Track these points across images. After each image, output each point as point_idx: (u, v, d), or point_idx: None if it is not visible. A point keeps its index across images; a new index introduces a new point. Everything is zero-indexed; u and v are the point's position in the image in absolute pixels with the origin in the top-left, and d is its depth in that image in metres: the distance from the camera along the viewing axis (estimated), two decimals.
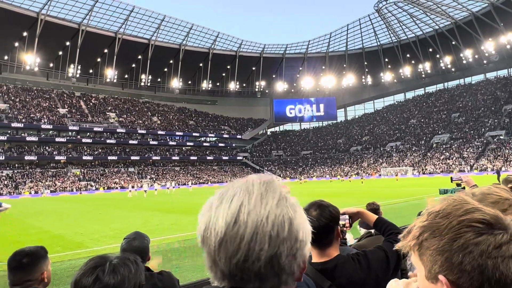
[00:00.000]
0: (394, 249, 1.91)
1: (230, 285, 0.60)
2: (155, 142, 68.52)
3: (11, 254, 1.86)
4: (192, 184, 56.36)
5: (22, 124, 55.61)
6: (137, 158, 64.59)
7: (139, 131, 67.58)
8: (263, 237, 0.56)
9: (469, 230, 0.57)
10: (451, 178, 3.52)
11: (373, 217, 2.05)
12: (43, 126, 57.52)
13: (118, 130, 65.48)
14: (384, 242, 1.94)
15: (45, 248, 1.93)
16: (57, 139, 58.39)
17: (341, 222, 1.90)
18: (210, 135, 77.41)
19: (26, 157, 54.39)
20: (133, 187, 47.87)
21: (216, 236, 0.58)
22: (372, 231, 3.43)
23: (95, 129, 62.94)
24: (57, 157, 57.25)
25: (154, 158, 66.46)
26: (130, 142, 65.78)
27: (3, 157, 52.71)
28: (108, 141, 63.32)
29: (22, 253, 1.84)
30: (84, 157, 59.77)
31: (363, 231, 3.57)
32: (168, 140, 70.95)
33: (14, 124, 54.81)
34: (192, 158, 71.00)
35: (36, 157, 55.28)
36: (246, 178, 0.65)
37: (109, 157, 61.85)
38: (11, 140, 54.84)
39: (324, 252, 1.73)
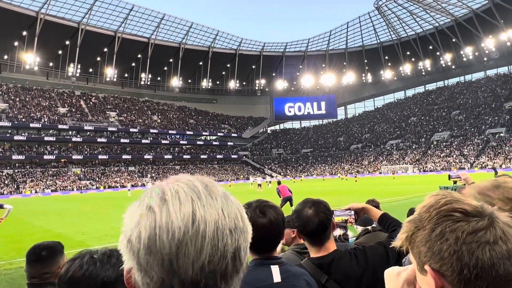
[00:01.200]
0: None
1: None
2: (155, 141, 68.53)
3: (31, 248, 1.91)
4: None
5: (22, 124, 55.61)
6: (137, 157, 64.61)
7: (139, 130, 67.60)
8: (224, 231, 0.50)
9: (446, 219, 0.59)
10: (449, 175, 3.50)
11: (378, 213, 2.05)
12: (43, 126, 57.52)
13: (118, 129, 65.48)
14: (386, 238, 1.95)
15: (62, 243, 2.01)
16: (57, 139, 58.40)
17: (344, 218, 1.93)
18: (210, 133, 77.41)
19: (27, 157, 54.43)
20: (133, 186, 47.91)
21: (173, 240, 0.47)
22: (369, 227, 3.43)
23: (95, 128, 62.93)
24: (57, 157, 57.27)
25: (155, 157, 66.51)
26: (130, 141, 65.79)
27: (4, 156, 52.76)
28: (108, 140, 63.35)
29: (41, 246, 1.90)
30: (85, 156, 59.79)
31: (359, 229, 3.57)
32: (168, 139, 70.95)
33: (14, 124, 54.80)
34: (192, 157, 71.03)
35: (36, 156, 55.31)
36: (172, 177, 0.55)
37: (110, 156, 61.87)
38: (11, 139, 54.86)
39: (322, 246, 1.76)
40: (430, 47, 77.36)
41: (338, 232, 3.05)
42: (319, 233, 1.73)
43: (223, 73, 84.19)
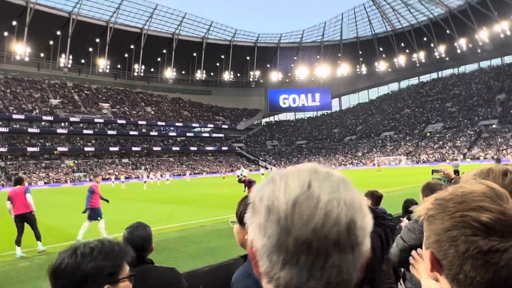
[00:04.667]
0: (384, 229, 1.92)
1: (305, 263, 0.49)
2: (149, 133, 68.15)
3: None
4: (189, 174, 56.15)
5: (14, 116, 54.87)
6: (131, 149, 64.22)
7: (133, 122, 67.12)
8: (339, 201, 0.50)
9: (467, 226, 0.58)
10: (432, 170, 3.41)
11: None
12: (35, 117, 56.82)
13: (111, 121, 64.94)
14: (374, 227, 1.92)
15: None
16: (49, 130, 57.78)
17: None
18: (204, 125, 77.13)
19: (19, 149, 53.83)
20: (126, 178, 47.67)
21: (289, 199, 0.50)
22: None
23: (88, 120, 62.35)
24: (50, 149, 56.72)
25: (148, 149, 66.19)
26: (124, 133, 65.34)
27: None
28: (101, 132, 62.86)
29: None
30: (77, 148, 59.30)
31: None
32: (162, 130, 70.58)
33: (5, 116, 54.07)
34: (186, 148, 70.82)
35: (29, 148, 54.72)
36: (294, 166, 0.58)
37: (103, 148, 61.46)
38: (2, 131, 54.16)
39: None
40: (425, 39, 77.42)
41: None
42: None
43: (217, 64, 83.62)
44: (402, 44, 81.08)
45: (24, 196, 8.30)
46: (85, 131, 61.42)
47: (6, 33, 58.57)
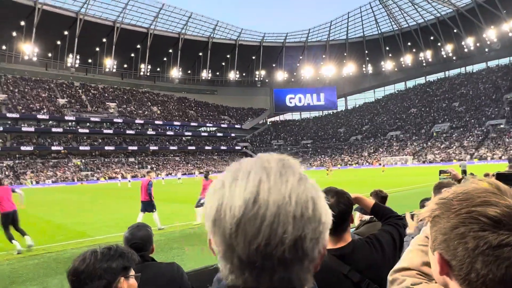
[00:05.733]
0: (398, 229, 1.94)
1: (250, 276, 0.50)
2: (154, 132, 68.48)
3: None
4: (198, 173, 56.23)
5: (21, 115, 55.47)
6: (136, 148, 64.63)
7: (139, 121, 67.52)
8: (286, 217, 0.48)
9: (474, 221, 0.56)
10: (440, 171, 3.43)
11: (370, 202, 2.06)
12: (42, 117, 57.39)
13: (118, 120, 65.38)
14: (386, 226, 1.95)
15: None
16: (57, 130, 58.32)
17: None
18: (210, 125, 77.32)
19: (26, 148, 54.43)
20: (133, 177, 47.94)
21: (233, 217, 0.49)
22: (368, 218, 3.43)
23: (95, 119, 62.83)
24: (57, 148, 57.28)
25: (154, 148, 66.57)
26: (130, 132, 65.76)
27: (3, 148, 52.74)
28: (108, 131, 63.33)
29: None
30: (85, 147, 59.82)
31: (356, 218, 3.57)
32: (168, 130, 70.88)
33: (13, 115, 54.68)
34: (191, 148, 71.07)
35: (36, 147, 55.30)
36: (258, 156, 0.57)
37: (109, 147, 61.92)
38: (10, 130, 54.79)
39: (341, 237, 1.75)
40: (432, 38, 76.81)
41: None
42: (338, 224, 1.71)
43: (223, 64, 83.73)
44: (409, 43, 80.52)
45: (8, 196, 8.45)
46: (91, 131, 61.88)
47: (14, 33, 59.22)
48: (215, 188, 0.54)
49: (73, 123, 61.23)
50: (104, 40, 68.06)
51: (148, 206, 10.71)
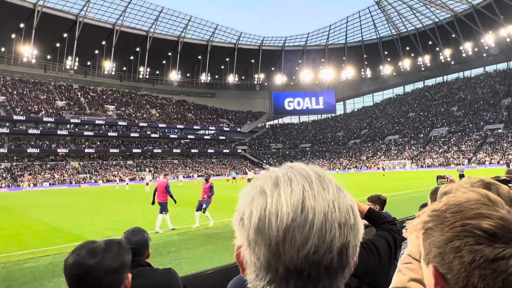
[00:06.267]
0: (393, 234, 1.93)
1: (295, 286, 0.49)
2: (154, 135, 68.40)
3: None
4: (197, 176, 56.22)
5: (20, 117, 55.35)
6: (135, 151, 64.52)
7: (138, 124, 67.44)
8: (333, 224, 0.49)
9: (469, 235, 0.55)
10: (437, 176, 3.42)
11: (364, 208, 2.04)
12: (41, 119, 57.27)
13: (116, 123, 65.29)
14: (381, 231, 1.94)
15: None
16: (55, 132, 58.19)
17: None
18: (209, 128, 77.31)
19: (25, 150, 54.26)
20: (131, 179, 47.81)
21: (281, 224, 0.48)
22: (365, 222, 3.41)
23: (94, 122, 62.73)
24: (56, 150, 57.12)
25: (153, 151, 66.45)
26: (129, 134, 65.66)
27: (2, 150, 52.57)
28: (106, 134, 63.19)
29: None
30: (83, 150, 59.67)
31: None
32: (167, 133, 70.83)
33: (12, 117, 54.54)
34: (190, 151, 70.98)
35: (34, 150, 55.15)
36: (287, 164, 0.56)
37: (108, 150, 61.77)
38: (9, 133, 54.63)
39: None
40: (430, 43, 77.19)
41: None
42: None
43: (222, 67, 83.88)
44: (407, 48, 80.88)
45: None
46: (90, 133, 61.78)
47: (13, 35, 59.23)
48: (254, 195, 0.52)
49: (72, 125, 61.12)
50: (104, 42, 68.12)
51: (165, 207, 11.02)
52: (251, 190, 0.54)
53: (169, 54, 75.55)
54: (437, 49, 77.33)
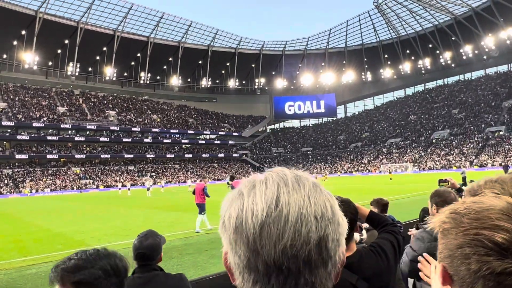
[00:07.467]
0: (396, 236, 1.96)
1: (277, 282, 0.50)
2: (154, 140, 68.46)
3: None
4: (191, 182, 56.09)
5: (21, 123, 55.49)
6: (136, 156, 64.55)
7: (139, 129, 67.55)
8: (308, 217, 0.50)
9: (480, 244, 0.55)
10: (439, 180, 3.44)
11: (366, 211, 2.09)
12: (42, 125, 57.40)
13: (118, 129, 65.41)
14: (384, 233, 1.97)
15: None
16: (57, 138, 58.30)
17: None
18: (209, 132, 77.35)
19: (26, 156, 54.34)
20: (132, 185, 47.78)
21: (256, 220, 0.50)
22: (367, 225, 3.40)
23: (95, 127, 62.85)
24: (57, 156, 57.19)
25: (154, 156, 66.49)
26: (130, 140, 65.74)
27: (3, 156, 52.66)
28: (108, 139, 63.28)
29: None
30: (84, 156, 59.72)
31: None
32: (168, 138, 70.88)
33: (13, 123, 54.69)
34: (192, 156, 70.98)
35: (36, 156, 55.22)
36: (269, 170, 0.58)
37: (109, 156, 61.82)
38: (10, 139, 54.75)
39: (348, 246, 1.73)
40: (430, 46, 77.30)
41: (357, 236, 3.00)
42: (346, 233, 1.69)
43: (223, 72, 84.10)
44: (408, 51, 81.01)
45: None
46: (91, 139, 61.84)
47: (15, 42, 59.55)
48: (233, 198, 0.55)
49: (73, 131, 61.24)
50: (105, 48, 68.43)
51: (203, 208, 11.36)
52: (231, 195, 0.56)
53: (170, 59, 75.82)
54: (437, 52, 77.43)
